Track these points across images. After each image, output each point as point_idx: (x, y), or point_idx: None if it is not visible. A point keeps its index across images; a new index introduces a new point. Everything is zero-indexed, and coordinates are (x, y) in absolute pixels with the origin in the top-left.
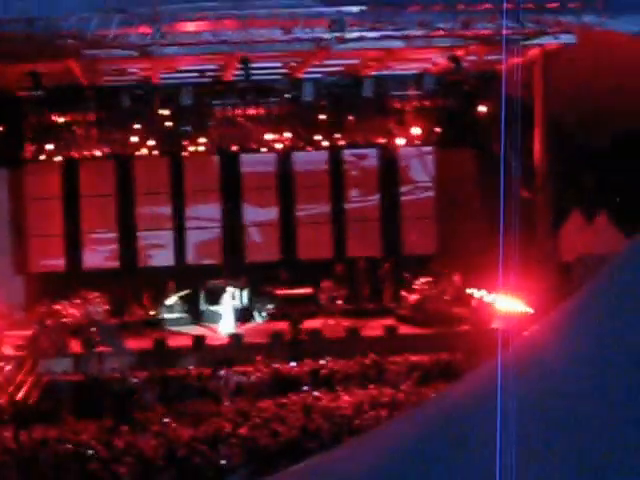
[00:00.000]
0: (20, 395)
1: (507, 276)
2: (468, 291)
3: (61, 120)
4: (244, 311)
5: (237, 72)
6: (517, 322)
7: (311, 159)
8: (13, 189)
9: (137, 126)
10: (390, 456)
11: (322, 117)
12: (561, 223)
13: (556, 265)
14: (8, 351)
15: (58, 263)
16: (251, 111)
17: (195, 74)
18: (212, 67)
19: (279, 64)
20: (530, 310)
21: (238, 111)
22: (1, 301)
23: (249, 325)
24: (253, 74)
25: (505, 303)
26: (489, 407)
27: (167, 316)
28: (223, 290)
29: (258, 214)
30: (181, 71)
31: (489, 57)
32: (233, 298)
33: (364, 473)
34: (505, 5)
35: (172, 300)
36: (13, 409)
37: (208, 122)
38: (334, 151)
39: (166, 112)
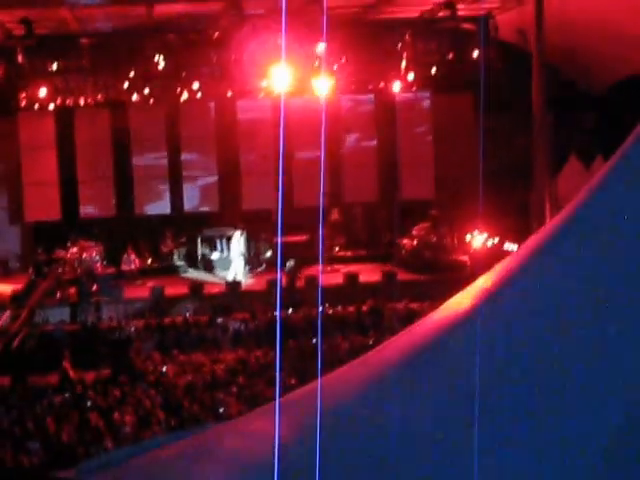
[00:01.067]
0: (16, 345)
1: (505, 221)
2: (467, 237)
3: (54, 68)
4: (243, 258)
5: (231, 16)
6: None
7: (306, 105)
8: (7, 138)
9: (131, 73)
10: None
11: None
12: (559, 168)
13: (554, 210)
14: (4, 301)
15: (54, 212)
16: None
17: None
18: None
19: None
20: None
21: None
22: None
23: (249, 272)
24: (247, 15)
25: (504, 248)
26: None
27: (164, 264)
28: (220, 238)
29: (254, 161)
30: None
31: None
32: (239, 244)
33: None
34: None
35: (169, 248)
36: (9, 359)
37: (202, 67)
38: (330, 97)
39: (161, 57)
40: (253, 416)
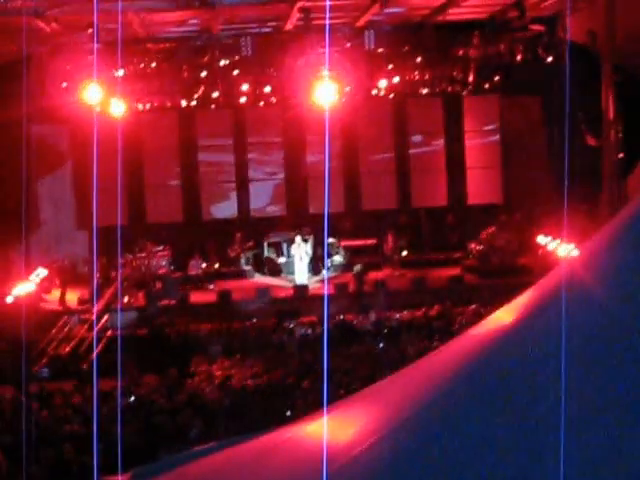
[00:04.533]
0: (84, 349)
1: (574, 225)
2: (535, 241)
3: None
4: (311, 262)
5: (297, 22)
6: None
7: (373, 108)
8: (74, 145)
9: (198, 77)
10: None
11: (384, 66)
12: (629, 170)
13: None
14: (72, 305)
15: (122, 218)
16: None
17: (255, 24)
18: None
19: (340, 13)
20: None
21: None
22: (65, 256)
23: (316, 277)
24: (314, 24)
25: (572, 252)
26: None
27: (231, 268)
28: (287, 241)
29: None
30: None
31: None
32: (300, 249)
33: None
34: None
35: (236, 252)
36: (77, 363)
37: (269, 73)
38: (397, 99)
39: (227, 62)
40: (312, 420)
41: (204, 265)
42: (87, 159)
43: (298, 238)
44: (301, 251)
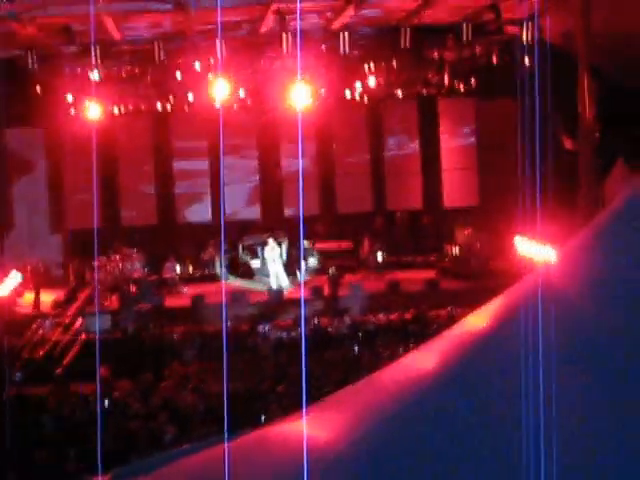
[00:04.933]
0: (58, 352)
1: (550, 228)
2: (511, 243)
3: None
4: (285, 266)
5: (272, 25)
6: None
7: (348, 110)
8: (49, 148)
9: (173, 80)
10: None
11: (359, 68)
12: (606, 173)
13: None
14: (46, 309)
15: (95, 220)
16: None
17: (230, 27)
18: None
19: (315, 15)
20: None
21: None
22: (39, 259)
23: (291, 280)
24: (289, 27)
25: (548, 255)
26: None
27: (205, 272)
28: (261, 245)
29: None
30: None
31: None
32: (274, 252)
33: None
34: None
35: (210, 255)
36: (51, 366)
37: (244, 76)
38: (372, 102)
39: (202, 65)
40: (291, 421)
41: (178, 268)
42: (62, 162)
43: (271, 241)
44: (274, 254)
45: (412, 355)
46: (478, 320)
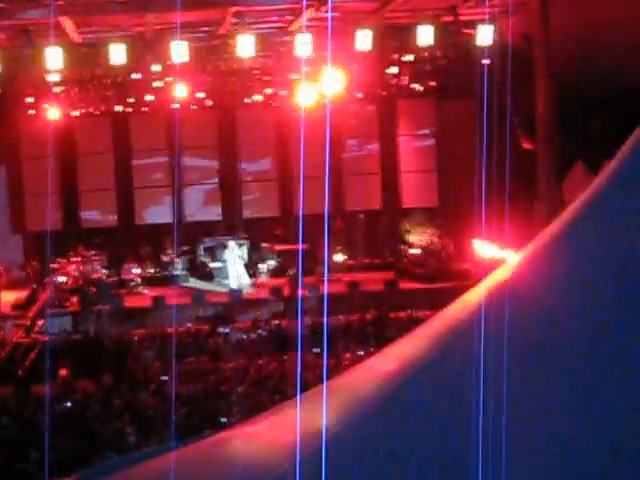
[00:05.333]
0: (18, 354)
1: (509, 229)
2: (471, 245)
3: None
4: (245, 267)
5: (231, 27)
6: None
7: (307, 112)
8: (8, 149)
9: (132, 82)
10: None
11: (318, 70)
12: (564, 174)
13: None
14: (6, 310)
15: (55, 222)
16: (247, 65)
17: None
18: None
19: (275, 17)
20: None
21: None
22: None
23: (251, 281)
24: (248, 29)
25: (508, 256)
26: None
27: (165, 273)
28: (221, 246)
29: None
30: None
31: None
32: (234, 253)
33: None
34: None
35: (170, 257)
36: (11, 368)
37: (203, 77)
38: (331, 103)
39: (160, 67)
40: (257, 422)
41: (138, 270)
42: (20, 164)
43: (232, 243)
44: (234, 256)
45: (374, 359)
46: (439, 324)
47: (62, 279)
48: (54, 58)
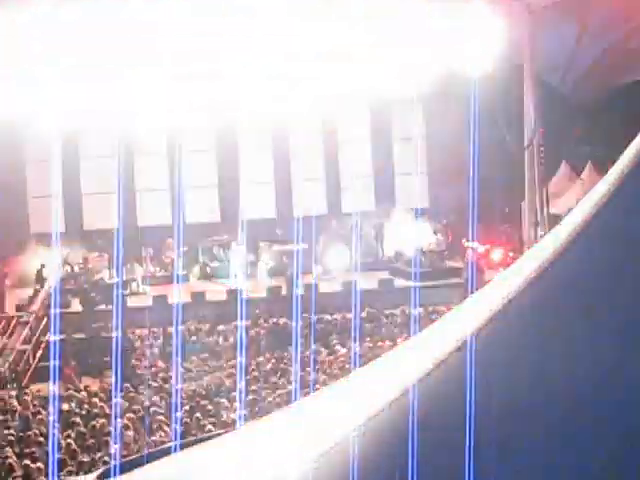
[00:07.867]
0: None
1: (497, 228)
2: (462, 245)
3: None
4: (245, 267)
5: None
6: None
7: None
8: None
9: None
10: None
11: None
12: (550, 177)
13: (544, 216)
14: (10, 311)
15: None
16: None
17: None
18: None
19: None
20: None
21: None
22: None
23: (251, 281)
24: None
25: (498, 254)
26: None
27: (168, 273)
28: (221, 246)
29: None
30: None
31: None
32: (234, 253)
33: None
34: None
35: (171, 257)
36: (15, 368)
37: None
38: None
39: None
40: (258, 424)
41: (140, 270)
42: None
43: (233, 244)
44: (235, 256)
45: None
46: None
47: (64, 280)
48: None
